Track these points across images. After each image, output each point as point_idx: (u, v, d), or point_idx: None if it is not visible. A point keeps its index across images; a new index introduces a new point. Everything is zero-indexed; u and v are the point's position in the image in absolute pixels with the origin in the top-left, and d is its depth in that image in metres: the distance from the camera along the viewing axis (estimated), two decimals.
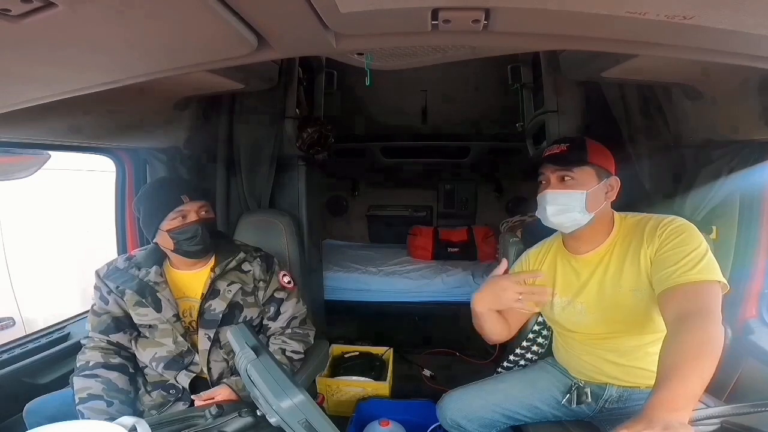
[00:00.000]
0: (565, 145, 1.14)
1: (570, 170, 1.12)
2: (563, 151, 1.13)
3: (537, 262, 1.30)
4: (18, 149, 1.34)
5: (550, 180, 1.14)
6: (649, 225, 1.11)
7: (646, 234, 1.10)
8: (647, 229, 1.10)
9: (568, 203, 1.12)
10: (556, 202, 1.13)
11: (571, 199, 1.11)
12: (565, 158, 1.12)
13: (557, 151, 1.13)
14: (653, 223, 1.11)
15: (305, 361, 1.39)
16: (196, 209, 1.27)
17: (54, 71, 0.74)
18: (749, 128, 1.15)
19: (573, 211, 1.12)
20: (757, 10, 0.55)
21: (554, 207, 1.13)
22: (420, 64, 0.94)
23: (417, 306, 2.72)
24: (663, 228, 1.08)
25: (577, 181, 1.11)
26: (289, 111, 1.88)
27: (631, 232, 1.14)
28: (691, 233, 1.04)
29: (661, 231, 1.07)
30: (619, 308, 1.12)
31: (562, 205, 1.12)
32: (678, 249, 1.02)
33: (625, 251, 1.13)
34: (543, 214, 1.16)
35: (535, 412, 1.28)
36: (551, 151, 1.15)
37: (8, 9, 0.50)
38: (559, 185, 1.13)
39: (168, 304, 1.27)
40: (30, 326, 2.31)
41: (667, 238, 1.06)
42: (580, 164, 1.11)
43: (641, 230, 1.11)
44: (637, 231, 1.12)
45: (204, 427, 1.00)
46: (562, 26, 0.65)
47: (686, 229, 1.05)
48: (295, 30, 0.68)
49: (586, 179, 1.11)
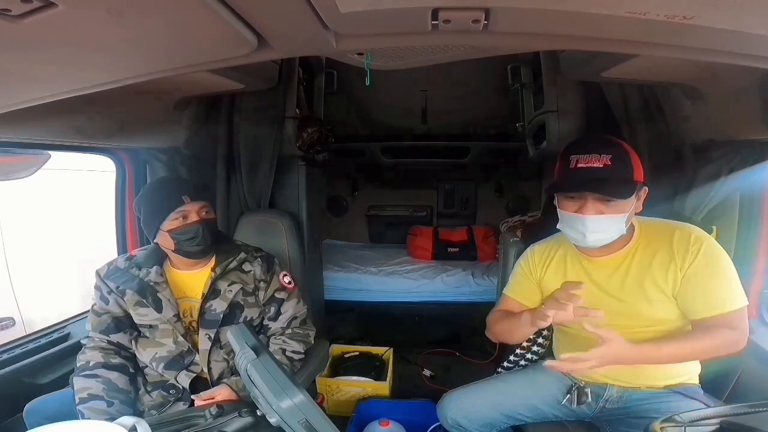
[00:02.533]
0: (607, 156, 0.99)
1: (617, 199, 1.00)
2: (607, 166, 0.98)
3: (543, 258, 1.27)
4: (18, 149, 1.34)
5: (587, 201, 1.02)
6: (676, 237, 1.07)
7: (675, 248, 1.06)
8: (676, 242, 1.06)
9: (609, 227, 1.04)
10: (598, 229, 1.03)
11: (614, 223, 1.03)
12: (610, 181, 0.99)
13: (599, 166, 0.98)
14: (682, 236, 1.06)
15: (305, 361, 1.39)
16: (197, 209, 1.27)
17: (54, 71, 0.74)
18: (749, 128, 1.15)
19: (613, 232, 1.05)
20: (757, 10, 0.55)
21: (596, 234, 1.04)
22: (420, 64, 0.93)
23: (417, 306, 2.72)
24: (695, 246, 1.04)
25: (619, 205, 1.01)
26: (289, 111, 1.87)
27: (654, 240, 1.10)
28: (722, 256, 1.04)
29: (694, 249, 1.04)
30: (633, 313, 1.11)
31: (604, 231, 1.04)
32: (708, 278, 1.03)
33: (650, 260, 1.09)
34: (575, 235, 1.07)
35: (535, 412, 1.28)
36: (588, 162, 1.00)
37: (8, 9, 0.50)
38: (599, 207, 1.02)
39: (168, 304, 1.27)
40: (30, 326, 2.32)
41: (701, 261, 1.03)
42: (627, 194, 1.00)
43: (667, 241, 1.07)
44: (663, 240, 1.08)
45: (204, 427, 1.00)
46: (562, 26, 0.65)
47: (717, 252, 1.04)
48: (295, 30, 0.68)
49: (628, 202, 1.02)
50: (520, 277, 1.31)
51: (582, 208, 1.04)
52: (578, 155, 1.03)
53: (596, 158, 1.00)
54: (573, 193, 1.05)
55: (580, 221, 1.04)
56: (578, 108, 1.77)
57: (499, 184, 3.45)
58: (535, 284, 1.28)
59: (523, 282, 1.30)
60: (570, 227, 1.08)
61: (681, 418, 0.84)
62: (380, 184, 3.58)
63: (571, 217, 1.06)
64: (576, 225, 1.06)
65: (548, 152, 1.88)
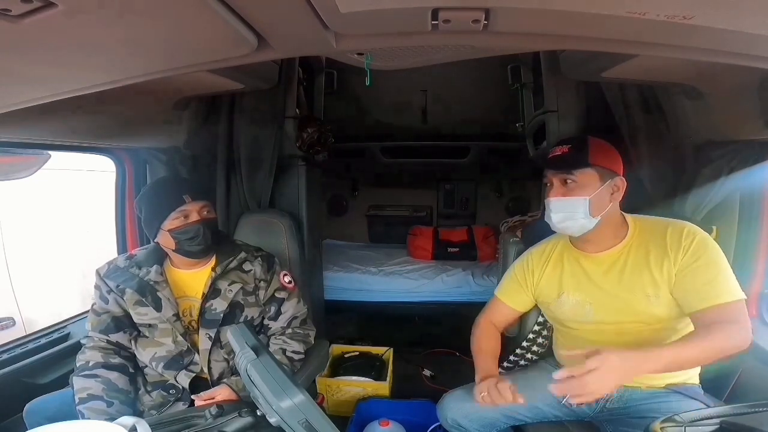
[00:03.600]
0: (567, 146, 1.12)
1: (571, 173, 1.10)
2: (565, 153, 1.11)
3: (541, 261, 1.29)
4: (18, 149, 1.34)
5: (554, 183, 1.13)
6: (669, 233, 1.10)
7: (669, 243, 1.09)
8: (669, 238, 1.09)
9: (572, 209, 1.11)
10: (560, 209, 1.12)
11: (574, 205, 1.10)
12: (566, 161, 1.11)
13: (559, 153, 1.12)
14: (674, 232, 1.10)
15: (305, 361, 1.39)
16: (198, 209, 1.27)
17: (54, 71, 0.74)
18: (749, 128, 1.15)
19: (578, 217, 1.11)
20: (757, 10, 0.55)
21: (559, 214, 1.13)
22: (420, 64, 0.94)
23: (417, 306, 2.72)
24: (687, 240, 1.07)
25: (579, 184, 1.10)
26: (289, 111, 1.87)
27: (648, 236, 1.14)
28: (714, 249, 1.06)
29: (686, 244, 1.07)
30: (630, 310, 1.12)
31: (566, 212, 1.12)
32: (702, 271, 1.04)
33: (645, 256, 1.12)
34: (550, 221, 1.16)
35: (535, 411, 1.28)
36: (554, 152, 1.14)
37: (8, 9, 0.50)
38: (561, 189, 1.12)
39: (168, 304, 1.27)
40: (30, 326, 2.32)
41: (693, 254, 1.06)
42: (581, 166, 1.10)
43: (661, 237, 1.11)
44: (656, 237, 1.12)
45: (204, 427, 1.00)
46: (562, 26, 0.65)
47: (708, 245, 1.06)
48: (295, 30, 0.68)
49: (589, 182, 1.10)
50: (513, 283, 1.34)
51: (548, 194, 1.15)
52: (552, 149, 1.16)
53: (560, 148, 1.13)
54: (545, 179, 1.16)
55: (547, 204, 1.15)
56: (578, 108, 1.77)
57: (499, 184, 3.46)
58: (527, 292, 1.32)
59: (516, 288, 1.34)
60: (545, 212, 1.17)
61: (681, 418, 0.84)
62: (380, 184, 3.58)
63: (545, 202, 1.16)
64: (547, 209, 1.15)
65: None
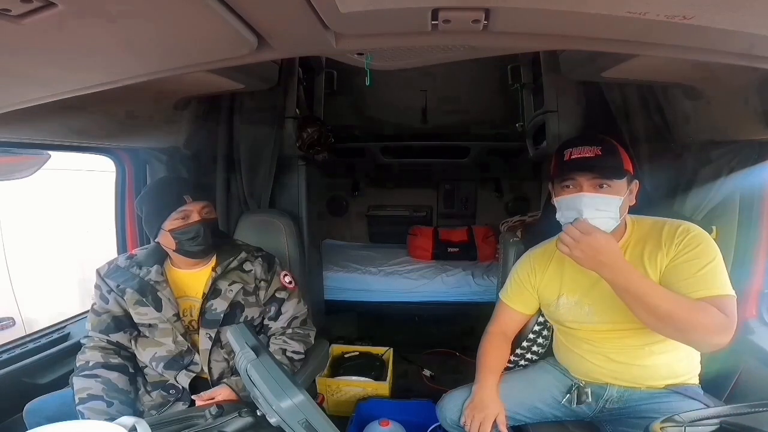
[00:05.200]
0: (597, 147, 1.06)
1: (610, 180, 1.05)
2: (598, 156, 1.06)
3: (543, 262, 1.29)
4: (18, 149, 1.34)
5: (583, 186, 1.07)
6: (665, 230, 1.11)
7: (663, 239, 1.09)
8: (664, 234, 1.10)
9: (606, 208, 1.06)
10: (594, 206, 1.05)
11: (609, 204, 1.06)
12: (602, 166, 1.06)
13: (591, 155, 1.06)
14: (670, 229, 1.10)
15: (305, 361, 1.39)
16: (198, 209, 1.28)
17: (54, 71, 0.74)
18: (749, 128, 1.15)
19: (608, 216, 1.06)
20: (757, 10, 0.55)
21: (592, 211, 1.05)
22: (420, 64, 0.94)
23: (417, 306, 2.72)
24: (681, 236, 1.08)
25: (612, 189, 1.06)
26: (289, 111, 1.87)
27: (645, 235, 1.14)
28: (707, 244, 1.06)
29: (679, 239, 1.07)
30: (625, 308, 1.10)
31: (600, 210, 1.06)
32: (694, 261, 1.04)
33: (640, 254, 1.12)
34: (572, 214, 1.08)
35: (535, 412, 1.28)
36: (581, 153, 1.07)
37: (8, 9, 0.50)
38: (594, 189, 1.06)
39: (168, 303, 1.27)
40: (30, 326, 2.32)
41: (684, 247, 1.06)
42: (619, 177, 1.06)
43: (657, 234, 1.11)
44: (653, 235, 1.12)
45: (204, 427, 1.00)
46: (562, 26, 0.65)
47: (703, 240, 1.06)
48: (295, 30, 0.68)
49: (620, 187, 1.07)
50: (516, 285, 1.34)
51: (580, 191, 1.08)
52: (571, 149, 1.09)
53: (588, 149, 1.07)
54: (568, 181, 1.09)
55: (578, 199, 1.06)
56: (578, 108, 1.77)
57: (499, 184, 3.45)
58: (532, 293, 1.31)
59: (520, 290, 1.33)
60: (568, 208, 1.08)
61: (681, 418, 0.84)
62: (380, 184, 3.58)
63: (570, 198, 1.08)
64: (575, 204, 1.06)
65: (548, 152, 1.88)
